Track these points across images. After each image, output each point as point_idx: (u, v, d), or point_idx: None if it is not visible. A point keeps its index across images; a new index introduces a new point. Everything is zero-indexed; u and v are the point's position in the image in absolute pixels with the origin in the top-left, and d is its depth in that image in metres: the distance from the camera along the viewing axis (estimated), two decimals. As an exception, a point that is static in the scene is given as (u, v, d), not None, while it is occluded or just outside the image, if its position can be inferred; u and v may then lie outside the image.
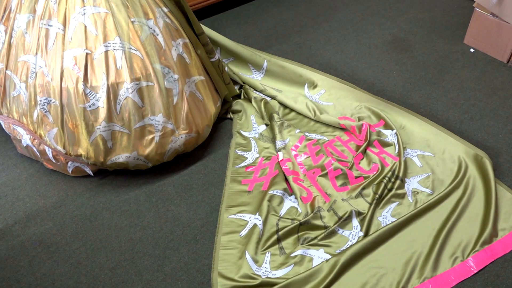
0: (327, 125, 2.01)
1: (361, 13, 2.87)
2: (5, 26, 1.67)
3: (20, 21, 1.63)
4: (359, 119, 1.97)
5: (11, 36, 1.67)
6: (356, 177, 1.74)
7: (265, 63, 2.24)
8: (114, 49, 1.62)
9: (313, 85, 2.18)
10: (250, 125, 2.04)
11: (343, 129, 1.97)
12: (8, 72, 1.69)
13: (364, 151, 1.84)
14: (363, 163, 1.80)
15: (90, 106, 1.63)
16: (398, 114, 1.94)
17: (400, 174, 1.71)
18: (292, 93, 2.17)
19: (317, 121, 2.04)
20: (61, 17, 1.60)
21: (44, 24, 1.60)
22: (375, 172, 1.73)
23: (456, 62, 2.38)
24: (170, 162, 1.88)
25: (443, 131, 1.85)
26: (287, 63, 2.24)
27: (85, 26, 1.60)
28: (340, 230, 1.58)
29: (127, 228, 1.66)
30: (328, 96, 2.12)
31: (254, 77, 2.25)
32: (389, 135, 1.87)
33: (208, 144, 1.99)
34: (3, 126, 1.88)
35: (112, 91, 1.63)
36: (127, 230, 1.65)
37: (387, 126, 1.90)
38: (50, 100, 1.64)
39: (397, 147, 1.80)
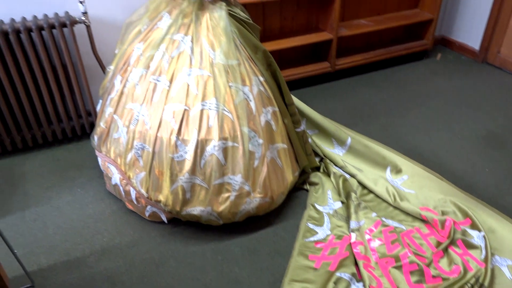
0: (407, 213, 1.91)
1: (455, 103, 2.80)
2: (122, 77, 1.89)
3: (135, 74, 1.84)
4: (443, 213, 1.85)
5: (124, 86, 1.87)
6: (434, 277, 1.60)
7: (349, 139, 2.25)
8: (209, 109, 1.74)
9: (396, 170, 2.11)
10: (325, 200, 2.01)
11: (424, 221, 1.85)
12: (115, 116, 1.89)
13: (446, 249, 1.70)
14: (443, 263, 1.66)
15: (178, 157, 1.73)
16: (488, 215, 1.79)
17: (486, 283, 1.54)
18: (373, 174, 2.12)
19: (396, 208, 1.95)
20: (170, 74, 1.77)
21: (154, 79, 1.79)
22: (456, 275, 1.58)
23: (560, 169, 2.18)
24: (240, 223, 1.90)
25: (540, 242, 1.67)
26: (371, 143, 2.22)
27: (188, 85, 1.75)
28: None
29: (189, 281, 1.67)
30: (411, 183, 2.03)
31: (336, 152, 2.25)
32: (475, 237, 1.72)
33: (281, 211, 1.99)
34: (100, 163, 2.06)
35: (200, 147, 1.72)
36: (189, 284, 1.66)
37: (474, 226, 1.76)
38: (145, 146, 1.78)
39: (484, 252, 1.64)
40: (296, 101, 2.30)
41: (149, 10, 1.91)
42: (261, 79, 1.90)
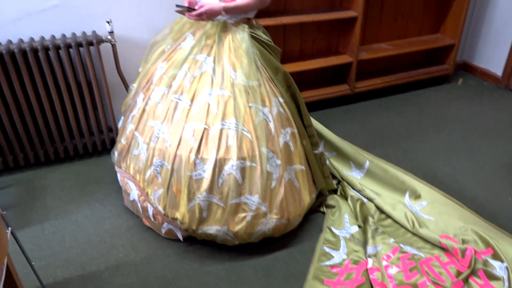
0: (426, 240, 1.87)
1: (476, 129, 2.76)
2: (144, 95, 1.93)
3: (157, 92, 1.88)
4: (464, 241, 1.81)
5: (146, 104, 1.91)
6: (454, 307, 1.55)
7: (367, 163, 2.23)
8: (228, 128, 1.75)
9: (415, 195, 2.08)
10: (342, 223, 1.99)
11: (443, 249, 1.81)
12: (136, 133, 1.92)
13: (466, 280, 1.65)
14: (464, 293, 1.61)
15: (196, 175, 1.75)
16: (511, 245, 1.74)
17: (508, 316, 1.49)
18: (391, 199, 2.09)
19: (414, 234, 1.91)
20: (191, 94, 1.80)
21: (176, 98, 1.82)
22: (477, 306, 1.53)
23: None
24: (255, 244, 1.88)
25: None
26: (390, 167, 2.19)
27: (209, 105, 1.78)
28: None
29: (202, 301, 1.66)
30: (430, 210, 2.00)
31: (353, 175, 2.23)
32: (498, 268, 1.67)
33: (296, 233, 1.97)
34: (119, 178, 2.09)
35: (218, 166, 1.73)
36: (202, 304, 1.65)
37: (496, 256, 1.70)
38: (164, 164, 1.80)
39: (507, 284, 1.59)
40: (315, 123, 2.31)
41: (173, 31, 1.96)
42: (281, 100, 1.91)
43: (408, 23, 3.25)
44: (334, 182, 2.21)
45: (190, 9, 1.76)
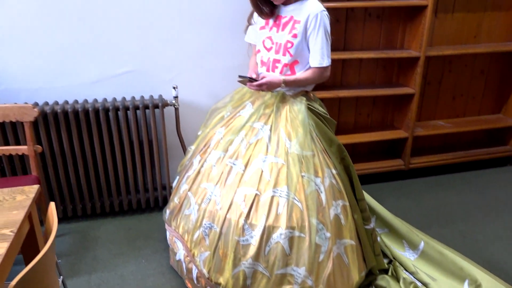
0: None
1: (545, 217, 2.55)
2: (201, 157, 2.01)
3: (213, 155, 1.95)
4: None
5: (202, 166, 1.98)
6: None
7: (422, 244, 2.11)
8: (280, 196, 1.76)
9: (476, 284, 1.91)
10: (393, 307, 1.86)
11: None
12: (189, 193, 1.97)
13: None
14: None
15: (243, 240, 1.74)
16: None
17: None
18: (448, 285, 1.94)
19: (475, 329, 1.74)
20: (246, 159, 1.85)
21: (230, 162, 1.87)
22: None
23: None
24: (299, 320, 1.79)
25: None
26: (447, 251, 2.06)
27: (262, 171, 1.81)
28: None
29: None
30: (493, 302, 1.82)
31: (407, 256, 2.11)
32: None
33: (343, 313, 1.85)
34: (167, 237, 2.12)
35: (267, 233, 1.72)
36: None
37: None
38: (213, 226, 1.81)
39: None
40: (367, 197, 2.26)
41: (234, 99, 2.07)
42: (334, 171, 1.91)
43: (467, 102, 3.20)
44: (385, 261, 2.10)
45: (251, 79, 1.87)
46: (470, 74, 3.10)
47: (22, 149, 2.09)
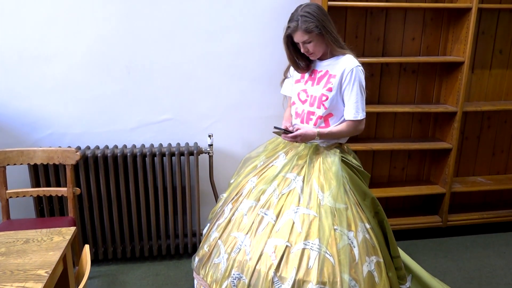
0: None
1: None
2: (232, 206, 2.01)
3: (245, 204, 1.95)
4: None
5: (233, 214, 1.97)
6: None
7: (463, 309, 1.97)
8: (311, 249, 1.71)
9: None
10: None
11: None
12: (219, 241, 1.96)
13: None
14: None
15: (272, 294, 1.69)
16: None
17: None
18: None
19: None
20: (277, 210, 1.84)
21: (262, 212, 1.86)
22: None
23: None
24: None
25: None
26: (491, 318, 1.92)
27: (293, 222, 1.78)
28: None
29: None
30: None
31: (446, 321, 1.98)
32: None
33: None
34: (195, 285, 2.08)
35: (297, 287, 1.67)
36: None
37: None
38: (241, 277, 1.78)
39: None
40: (402, 254, 2.16)
41: (267, 149, 2.09)
42: (368, 226, 1.86)
43: (508, 159, 3.09)
44: (423, 325, 1.97)
45: (286, 131, 1.90)
46: (510, 130, 3.02)
47: (62, 190, 2.17)
